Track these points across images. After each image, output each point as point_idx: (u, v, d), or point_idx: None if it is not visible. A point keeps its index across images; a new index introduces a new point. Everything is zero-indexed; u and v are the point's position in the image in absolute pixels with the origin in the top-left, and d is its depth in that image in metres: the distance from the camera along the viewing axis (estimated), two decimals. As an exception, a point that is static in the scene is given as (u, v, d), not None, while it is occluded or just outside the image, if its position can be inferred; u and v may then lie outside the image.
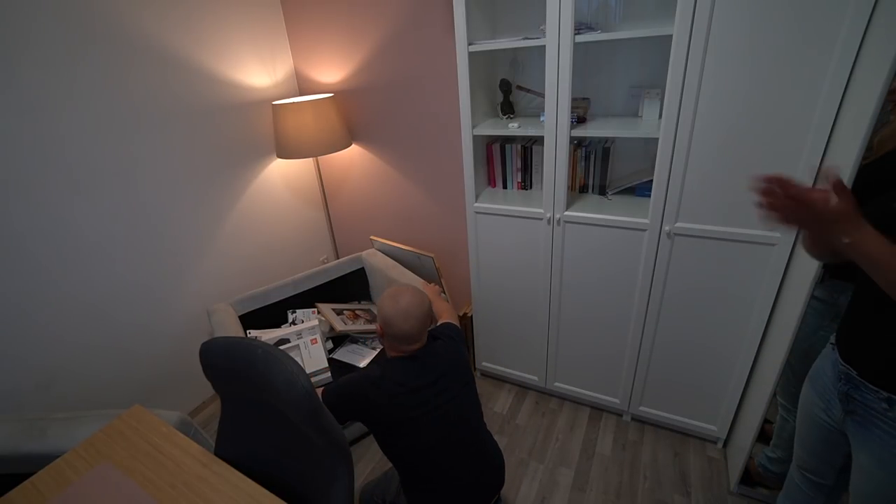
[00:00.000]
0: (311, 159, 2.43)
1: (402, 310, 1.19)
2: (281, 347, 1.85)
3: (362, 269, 2.35)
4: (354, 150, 2.40)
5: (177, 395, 2.07)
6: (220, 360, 0.99)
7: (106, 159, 1.69)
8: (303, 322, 2.04)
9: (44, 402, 1.62)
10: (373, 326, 2.17)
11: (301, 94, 2.41)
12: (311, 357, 1.82)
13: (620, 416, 1.96)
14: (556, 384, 2.02)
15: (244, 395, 1.01)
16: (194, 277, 2.07)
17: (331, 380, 1.83)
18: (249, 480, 0.96)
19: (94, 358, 1.75)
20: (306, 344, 1.87)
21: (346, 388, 1.17)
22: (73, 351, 1.69)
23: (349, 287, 2.34)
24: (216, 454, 1.04)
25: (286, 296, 2.14)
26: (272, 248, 2.43)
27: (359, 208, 2.58)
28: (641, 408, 1.86)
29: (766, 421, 1.42)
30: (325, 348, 1.94)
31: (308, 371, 1.79)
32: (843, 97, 1.12)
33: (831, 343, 0.98)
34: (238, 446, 1.07)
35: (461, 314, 2.23)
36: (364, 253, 2.37)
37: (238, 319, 1.95)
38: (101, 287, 1.74)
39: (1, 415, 1.28)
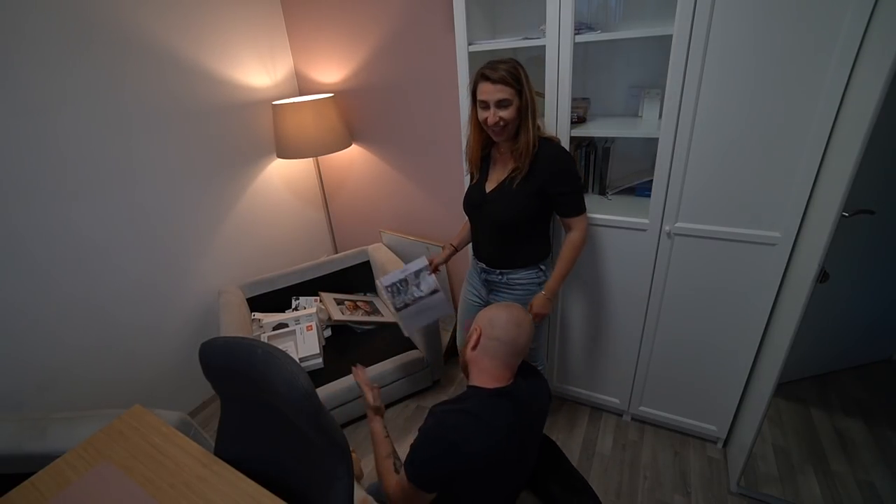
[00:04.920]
0: (311, 159, 2.43)
1: (514, 316, 1.03)
2: (278, 331, 1.93)
3: (367, 262, 2.38)
4: (354, 150, 2.40)
5: (177, 395, 2.07)
6: (219, 360, 0.99)
7: (105, 159, 1.69)
8: (304, 309, 2.10)
9: (44, 402, 1.62)
10: (372, 318, 2.19)
11: (301, 94, 2.41)
12: (305, 343, 1.92)
13: (620, 416, 1.96)
14: (556, 384, 2.02)
15: (244, 395, 1.01)
16: (193, 278, 2.07)
17: (321, 366, 1.91)
18: (249, 480, 0.96)
19: (94, 358, 1.75)
20: (302, 330, 1.95)
21: (436, 447, 0.92)
22: (73, 351, 1.69)
23: (354, 279, 2.39)
24: (216, 454, 1.04)
25: (292, 283, 2.23)
26: (272, 248, 2.43)
27: (359, 208, 2.58)
28: (641, 408, 1.86)
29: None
30: (321, 335, 2.01)
31: (299, 356, 1.88)
32: (843, 97, 1.12)
33: (474, 258, 1.60)
34: (238, 446, 1.07)
35: (461, 314, 2.23)
36: (370, 247, 2.39)
37: (245, 301, 2.07)
38: (100, 287, 1.74)
39: (1, 415, 1.28)
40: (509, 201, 1.38)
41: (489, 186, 1.43)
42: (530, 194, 1.35)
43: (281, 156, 2.18)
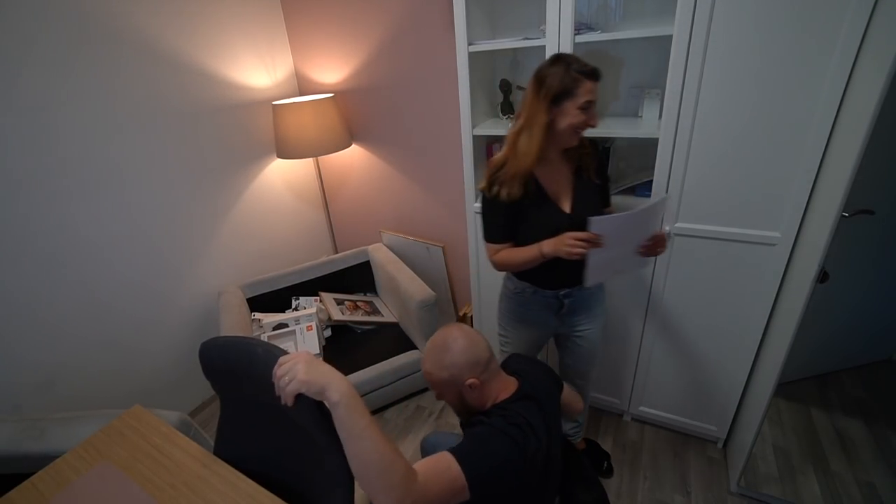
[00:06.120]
0: (311, 159, 2.43)
1: (466, 340, 0.96)
2: (279, 332, 1.93)
3: (367, 262, 2.39)
4: (354, 150, 2.40)
5: (177, 395, 2.07)
6: (219, 359, 0.99)
7: (104, 159, 1.69)
8: (304, 309, 2.10)
9: (44, 402, 1.62)
10: (372, 318, 2.20)
11: (301, 94, 2.41)
12: (305, 343, 1.92)
13: (620, 416, 1.96)
14: (556, 384, 2.02)
15: (244, 394, 1.01)
16: (193, 278, 2.07)
17: None
18: (249, 480, 0.96)
19: (93, 358, 1.75)
20: (302, 330, 1.96)
21: (498, 466, 0.83)
22: (72, 351, 1.69)
23: (355, 279, 2.40)
24: (215, 454, 1.04)
25: (292, 283, 2.23)
26: (272, 248, 2.43)
27: (359, 209, 2.58)
28: (641, 408, 1.86)
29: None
30: (321, 335, 2.01)
31: None
32: (843, 96, 1.12)
33: (531, 289, 1.33)
34: (238, 446, 1.07)
35: (462, 314, 2.23)
36: (370, 247, 2.39)
37: (245, 302, 2.06)
38: (100, 287, 1.74)
39: (1, 415, 1.28)
40: (594, 208, 1.24)
41: (565, 206, 1.23)
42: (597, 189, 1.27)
43: (281, 156, 2.18)
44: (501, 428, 0.87)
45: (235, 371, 0.96)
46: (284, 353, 0.89)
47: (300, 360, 0.75)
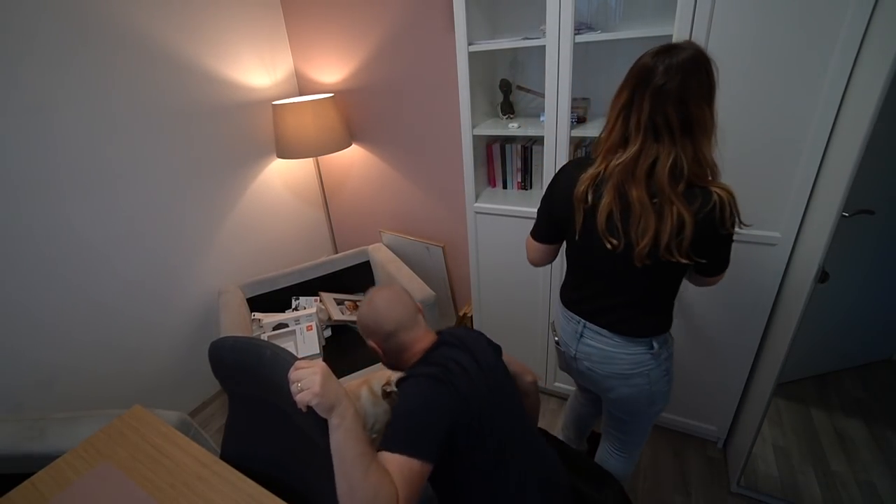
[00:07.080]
0: (311, 159, 2.43)
1: (383, 301, 0.98)
2: (279, 331, 1.93)
3: (367, 262, 2.40)
4: (354, 150, 2.40)
5: (177, 395, 2.07)
6: (228, 359, 0.99)
7: (105, 159, 1.69)
8: (304, 309, 2.10)
9: (44, 401, 1.62)
10: None
11: (301, 94, 2.41)
12: (305, 343, 1.92)
13: (620, 416, 1.96)
14: (557, 384, 2.02)
15: (251, 395, 1.02)
16: (194, 278, 2.07)
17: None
18: (249, 480, 0.96)
19: (93, 358, 1.75)
20: (302, 330, 1.95)
21: (420, 410, 0.83)
22: (73, 351, 1.69)
23: (354, 279, 2.39)
24: (222, 452, 1.04)
25: (293, 283, 2.22)
26: (272, 248, 2.43)
27: (359, 208, 2.58)
28: (641, 408, 1.85)
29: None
30: (321, 335, 2.00)
31: (299, 356, 1.87)
32: (843, 96, 1.12)
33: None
34: (244, 446, 1.07)
35: (461, 314, 2.23)
36: (370, 247, 2.39)
37: (245, 301, 2.05)
38: (100, 287, 1.74)
39: (1, 415, 1.28)
40: None
41: None
42: None
43: (281, 156, 2.18)
44: (422, 372, 0.87)
45: (244, 371, 0.97)
46: (293, 357, 0.89)
47: (318, 372, 0.77)
